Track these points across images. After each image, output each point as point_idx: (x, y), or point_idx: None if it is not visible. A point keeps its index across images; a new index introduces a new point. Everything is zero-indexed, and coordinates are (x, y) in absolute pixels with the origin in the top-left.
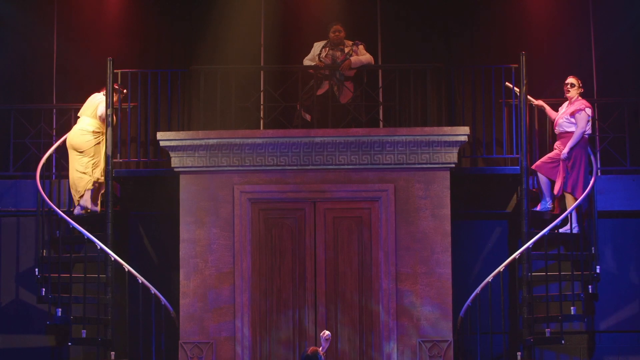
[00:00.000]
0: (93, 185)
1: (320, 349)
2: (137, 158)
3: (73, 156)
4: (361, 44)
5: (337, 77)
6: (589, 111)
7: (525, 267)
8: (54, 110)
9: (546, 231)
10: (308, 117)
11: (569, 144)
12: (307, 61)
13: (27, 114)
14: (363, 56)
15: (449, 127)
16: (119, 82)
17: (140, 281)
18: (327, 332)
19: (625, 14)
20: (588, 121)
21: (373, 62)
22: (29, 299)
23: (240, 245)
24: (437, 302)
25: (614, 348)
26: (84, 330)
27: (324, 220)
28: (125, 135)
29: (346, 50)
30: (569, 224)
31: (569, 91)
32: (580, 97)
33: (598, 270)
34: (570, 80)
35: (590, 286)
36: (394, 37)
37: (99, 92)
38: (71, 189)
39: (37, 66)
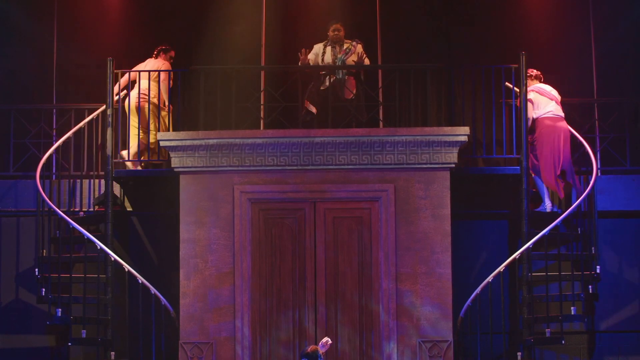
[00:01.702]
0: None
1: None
2: (137, 158)
3: (132, 118)
4: (360, 43)
5: (337, 78)
6: (530, 95)
7: (525, 267)
8: (54, 110)
9: (546, 231)
10: (314, 109)
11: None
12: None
13: (27, 114)
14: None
15: (449, 127)
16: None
17: (140, 281)
18: (329, 342)
19: (625, 14)
20: (533, 107)
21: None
22: (29, 299)
23: (240, 245)
24: (437, 302)
25: (614, 348)
26: (84, 330)
27: (324, 220)
28: (125, 135)
29: (345, 46)
30: (545, 203)
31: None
32: (538, 84)
33: (598, 270)
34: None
35: (590, 286)
36: (394, 37)
37: (154, 58)
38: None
39: (37, 66)
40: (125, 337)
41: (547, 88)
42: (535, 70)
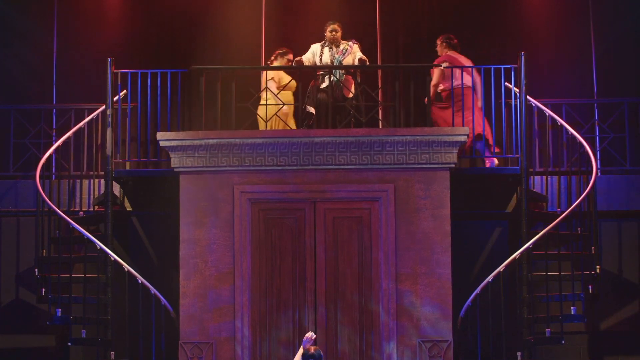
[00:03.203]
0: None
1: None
2: (137, 158)
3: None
4: (356, 43)
5: (337, 78)
6: (443, 64)
7: (525, 267)
8: (54, 110)
9: (546, 231)
10: (312, 110)
11: None
12: (303, 59)
13: (27, 114)
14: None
15: (449, 127)
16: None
17: (140, 281)
18: (314, 336)
19: (625, 13)
20: (441, 75)
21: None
22: (29, 299)
23: (240, 246)
24: (437, 302)
25: (614, 348)
26: (84, 330)
27: (324, 220)
28: (125, 135)
29: (341, 47)
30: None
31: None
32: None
33: (598, 270)
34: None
35: (590, 286)
36: (393, 36)
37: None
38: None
39: (37, 66)
40: (125, 337)
41: (461, 59)
42: (455, 39)
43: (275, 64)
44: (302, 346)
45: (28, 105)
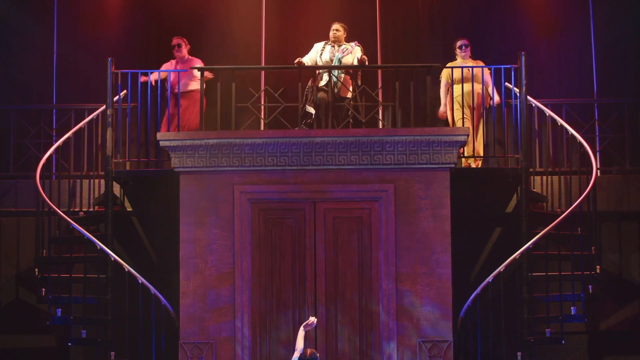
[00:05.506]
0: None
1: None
2: (138, 158)
3: None
4: (359, 45)
5: (335, 76)
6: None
7: (525, 267)
8: (54, 110)
9: (546, 231)
10: (312, 110)
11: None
12: (305, 59)
13: (27, 114)
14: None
15: (449, 128)
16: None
17: (140, 281)
18: (315, 321)
19: (625, 14)
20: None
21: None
22: (29, 299)
23: (240, 246)
24: (437, 302)
25: (614, 348)
26: (84, 330)
27: (324, 220)
28: (125, 135)
29: (342, 46)
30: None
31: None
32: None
33: (598, 270)
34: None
35: (590, 286)
36: (393, 36)
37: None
38: None
39: (37, 66)
40: (125, 337)
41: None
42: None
43: (458, 59)
44: (302, 326)
45: (28, 105)
